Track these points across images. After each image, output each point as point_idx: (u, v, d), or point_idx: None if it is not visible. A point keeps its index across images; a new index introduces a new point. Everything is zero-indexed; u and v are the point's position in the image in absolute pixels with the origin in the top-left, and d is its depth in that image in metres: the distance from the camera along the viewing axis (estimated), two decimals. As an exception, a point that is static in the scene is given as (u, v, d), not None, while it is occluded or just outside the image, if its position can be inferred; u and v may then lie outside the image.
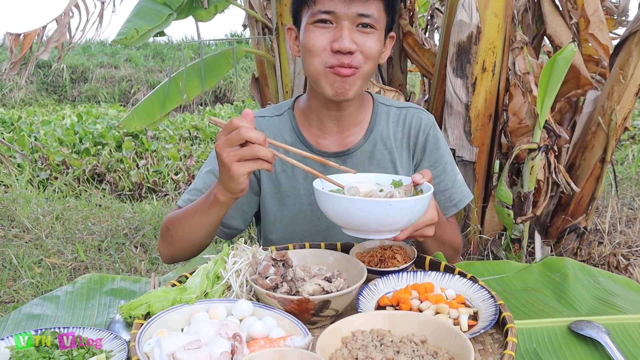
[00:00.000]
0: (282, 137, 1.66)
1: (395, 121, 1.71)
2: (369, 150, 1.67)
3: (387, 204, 1.19)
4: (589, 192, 2.93)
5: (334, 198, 1.23)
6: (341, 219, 1.25)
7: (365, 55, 1.48)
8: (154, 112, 3.46)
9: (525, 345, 1.21)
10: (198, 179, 1.70)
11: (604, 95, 2.80)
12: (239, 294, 1.28)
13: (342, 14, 1.43)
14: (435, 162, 1.73)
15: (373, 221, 1.21)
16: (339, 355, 1.00)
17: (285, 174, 1.68)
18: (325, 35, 1.47)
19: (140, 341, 1.05)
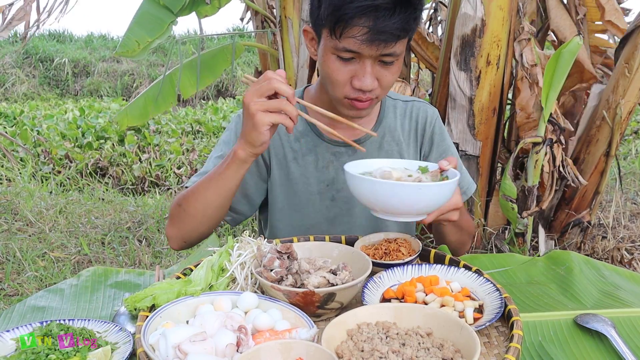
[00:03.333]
0: (295, 127, 1.64)
1: (402, 114, 1.73)
2: (378, 141, 1.69)
3: (417, 188, 1.23)
4: (593, 186, 2.92)
5: (366, 181, 1.26)
6: (371, 201, 1.29)
7: (383, 87, 1.48)
8: (147, 111, 3.46)
9: (531, 338, 1.21)
10: (208, 162, 1.68)
11: (609, 89, 2.79)
12: (243, 286, 1.28)
13: (366, 54, 1.40)
14: (443, 152, 1.76)
15: (403, 204, 1.26)
16: (344, 348, 1.00)
17: (296, 162, 1.67)
18: (347, 69, 1.44)
19: (146, 333, 1.05)
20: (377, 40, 1.35)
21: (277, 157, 1.67)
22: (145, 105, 3.50)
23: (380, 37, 1.35)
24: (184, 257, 3.37)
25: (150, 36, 3.07)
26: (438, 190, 1.27)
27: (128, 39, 3.12)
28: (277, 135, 1.65)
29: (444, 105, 2.81)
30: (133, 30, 3.11)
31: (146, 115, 3.54)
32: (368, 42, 1.36)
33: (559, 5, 3.04)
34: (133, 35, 3.10)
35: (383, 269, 1.35)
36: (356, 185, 1.30)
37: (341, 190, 1.68)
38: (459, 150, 2.70)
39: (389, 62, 1.43)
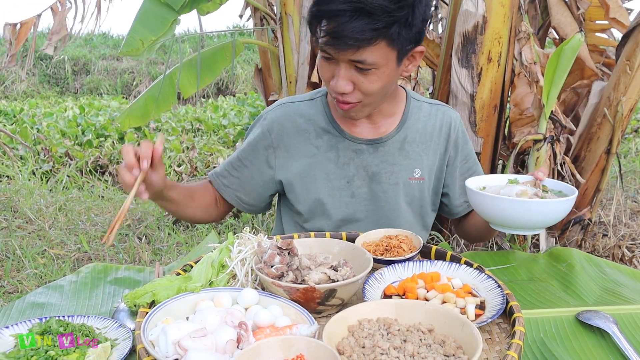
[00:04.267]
0: (314, 121, 1.68)
1: (426, 116, 1.73)
2: (400, 141, 1.69)
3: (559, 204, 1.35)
4: (594, 184, 2.91)
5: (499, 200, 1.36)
6: (499, 217, 1.40)
7: (363, 93, 1.48)
8: (148, 112, 3.46)
9: (532, 334, 1.20)
10: (233, 155, 1.77)
11: (610, 86, 2.78)
12: (244, 282, 1.28)
13: (337, 57, 1.43)
14: (467, 155, 1.79)
15: (536, 219, 1.36)
16: (345, 344, 1.00)
17: (317, 157, 1.68)
18: (329, 68, 1.48)
19: (146, 329, 1.05)
20: (334, 45, 1.39)
21: (298, 153, 1.68)
22: (146, 106, 3.49)
23: (337, 42, 1.37)
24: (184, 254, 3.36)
25: (154, 34, 3.06)
26: (569, 205, 1.37)
27: (132, 38, 3.11)
28: (297, 133, 1.67)
29: (445, 102, 2.80)
30: (136, 29, 3.10)
31: (147, 115, 3.53)
32: (329, 46, 1.40)
33: (559, 2, 3.03)
34: (137, 34, 3.09)
35: (384, 266, 1.34)
36: (487, 203, 1.39)
37: (361, 187, 1.69)
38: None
39: (364, 70, 1.43)
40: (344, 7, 1.34)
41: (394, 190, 1.70)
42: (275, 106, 1.74)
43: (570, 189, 1.44)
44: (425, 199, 1.75)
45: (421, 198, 1.74)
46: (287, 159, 1.69)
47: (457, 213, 1.82)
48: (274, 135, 1.68)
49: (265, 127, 1.70)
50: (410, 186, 1.71)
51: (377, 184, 1.69)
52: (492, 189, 1.46)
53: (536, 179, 1.47)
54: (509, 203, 1.35)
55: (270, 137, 1.68)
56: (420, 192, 1.73)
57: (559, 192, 1.46)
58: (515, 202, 1.35)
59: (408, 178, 1.70)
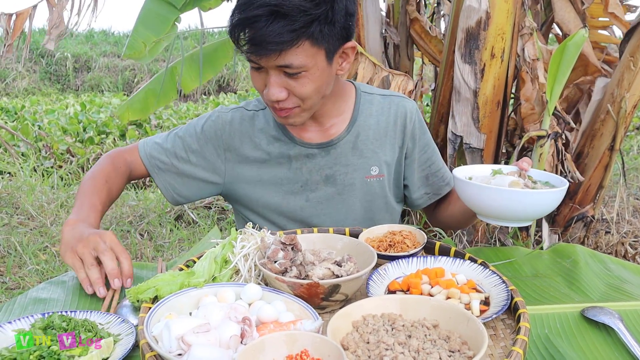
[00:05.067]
0: (265, 129, 1.66)
1: (379, 110, 1.70)
2: (352, 141, 1.67)
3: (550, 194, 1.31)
4: (597, 181, 2.90)
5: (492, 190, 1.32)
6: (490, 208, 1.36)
7: (299, 97, 1.45)
8: (148, 105, 3.45)
9: (537, 330, 1.20)
10: (168, 137, 1.72)
11: (614, 82, 2.77)
12: (247, 278, 1.27)
13: (263, 64, 1.40)
14: (425, 145, 1.76)
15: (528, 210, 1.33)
16: (350, 339, 0.99)
17: (269, 163, 1.67)
18: (260, 78, 1.45)
19: (149, 325, 1.04)
20: (256, 52, 1.36)
21: (248, 160, 1.67)
22: (146, 99, 3.48)
23: (258, 49, 1.35)
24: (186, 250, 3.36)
25: (156, 35, 3.05)
26: (562, 195, 1.34)
27: (134, 40, 3.10)
28: (248, 140, 1.66)
29: (448, 98, 2.79)
30: (138, 30, 3.09)
31: (147, 109, 3.52)
32: (252, 54, 1.37)
33: (563, -2, 3.02)
34: (139, 35, 3.08)
35: (388, 261, 1.34)
36: (475, 192, 1.35)
37: (315, 191, 1.67)
38: (463, 143, 2.68)
39: (293, 74, 1.40)
40: (259, 12, 1.31)
41: (349, 190, 1.68)
42: (231, 109, 1.71)
43: (557, 179, 1.42)
44: (387, 195, 1.74)
45: (384, 195, 1.73)
46: (237, 164, 1.68)
47: (417, 205, 1.81)
48: (226, 137, 1.67)
49: (218, 126, 1.67)
50: (368, 185, 1.70)
51: (332, 186, 1.68)
52: (479, 180, 1.43)
53: (521, 169, 1.46)
54: (502, 194, 1.31)
55: (221, 138, 1.67)
56: (382, 189, 1.72)
57: (545, 182, 1.45)
58: (508, 192, 1.31)
59: (365, 177, 1.69)
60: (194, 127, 1.70)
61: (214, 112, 1.71)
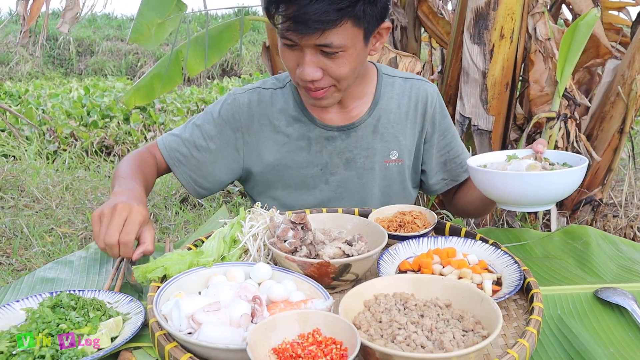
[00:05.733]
0: (284, 110, 1.62)
1: (400, 93, 1.67)
2: (373, 124, 1.64)
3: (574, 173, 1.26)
4: (605, 164, 2.87)
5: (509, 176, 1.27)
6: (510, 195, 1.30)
7: (334, 77, 1.41)
8: (154, 90, 3.41)
9: (550, 311, 1.18)
10: (186, 128, 1.67)
11: (625, 64, 2.73)
12: (256, 257, 1.26)
13: (300, 43, 1.34)
14: (445, 130, 1.73)
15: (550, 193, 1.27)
16: (362, 318, 0.98)
17: (289, 146, 1.63)
18: (293, 56, 1.39)
19: (158, 303, 1.03)
20: (297, 30, 1.30)
21: (267, 142, 1.63)
22: (152, 84, 3.45)
23: (299, 27, 1.29)
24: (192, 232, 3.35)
25: (160, 17, 3.01)
26: (583, 173, 1.29)
27: (139, 23, 3.06)
28: (267, 122, 1.62)
29: (457, 79, 2.76)
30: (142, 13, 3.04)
31: (153, 94, 3.49)
32: (291, 32, 1.31)
33: (574, -22, 2.97)
34: (143, 19, 3.04)
35: (398, 241, 1.32)
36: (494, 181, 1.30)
37: (335, 174, 1.65)
38: (471, 125, 2.65)
39: (330, 53, 1.36)
40: None
41: (369, 174, 1.66)
42: (247, 90, 1.67)
43: (575, 157, 1.36)
44: (405, 180, 1.71)
45: (402, 180, 1.71)
46: (256, 147, 1.64)
47: (434, 191, 1.78)
48: (244, 119, 1.62)
49: (235, 109, 1.63)
50: (387, 169, 1.67)
51: (352, 170, 1.65)
52: (493, 167, 1.38)
53: (536, 152, 1.41)
54: (521, 178, 1.26)
55: (240, 120, 1.62)
56: (400, 174, 1.69)
57: (563, 163, 1.39)
58: (527, 176, 1.25)
59: (384, 161, 1.66)
60: (210, 113, 1.65)
61: (229, 95, 1.66)
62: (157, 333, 0.98)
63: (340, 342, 0.90)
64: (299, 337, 0.92)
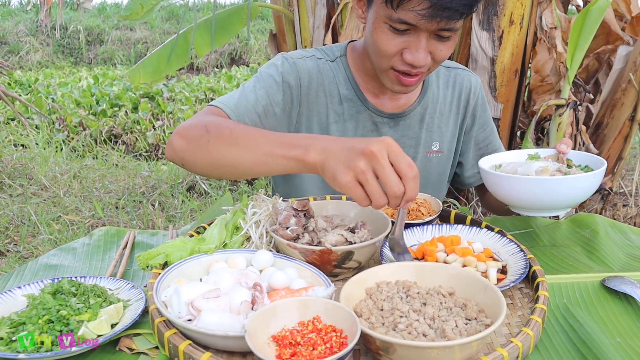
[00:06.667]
0: (337, 85, 1.54)
1: (445, 83, 1.64)
2: (421, 113, 1.60)
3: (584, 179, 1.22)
4: (615, 152, 2.83)
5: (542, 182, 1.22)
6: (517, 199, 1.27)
7: (436, 61, 1.36)
8: (160, 68, 3.40)
9: (555, 300, 1.16)
10: (248, 94, 1.45)
11: (637, 50, 2.68)
12: (258, 245, 1.25)
13: (423, 28, 1.26)
14: (484, 124, 1.71)
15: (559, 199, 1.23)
16: (363, 306, 0.97)
17: (337, 125, 1.56)
18: (399, 41, 1.30)
19: (158, 290, 1.02)
20: (439, 16, 1.23)
21: (319, 116, 1.55)
22: (158, 62, 3.44)
23: (443, 13, 1.22)
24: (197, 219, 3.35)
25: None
26: (597, 180, 1.25)
27: (133, 1, 3.06)
28: (323, 94, 1.53)
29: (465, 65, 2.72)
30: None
31: (159, 72, 3.47)
32: (429, 17, 1.23)
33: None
34: (139, 0, 3.05)
35: (402, 229, 1.30)
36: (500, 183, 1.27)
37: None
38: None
39: (445, 37, 1.30)
40: None
41: None
42: (304, 56, 1.54)
43: (598, 160, 1.32)
44: (443, 172, 1.69)
45: (440, 172, 1.68)
46: (307, 118, 1.54)
47: (469, 184, 1.76)
48: (304, 87, 1.50)
49: (297, 74, 1.49)
50: (427, 160, 1.64)
51: None
52: (509, 167, 1.34)
53: (559, 153, 1.38)
54: (527, 183, 1.22)
55: (300, 88, 1.50)
56: (439, 165, 1.66)
57: (585, 166, 1.36)
58: (533, 181, 1.21)
59: (426, 152, 1.63)
60: (270, 76, 1.48)
61: (283, 59, 1.51)
62: (156, 320, 0.97)
63: (341, 329, 0.89)
64: (298, 325, 0.91)
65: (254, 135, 1.16)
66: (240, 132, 1.18)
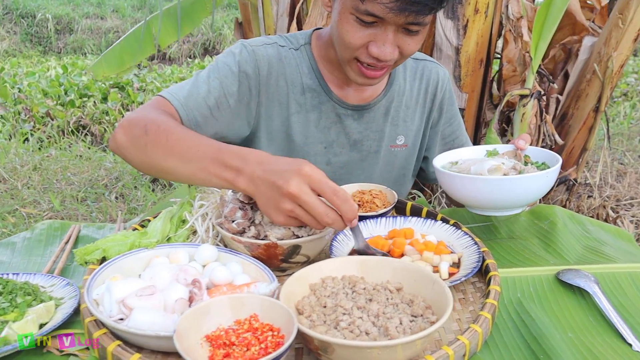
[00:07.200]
0: (300, 76, 1.48)
1: (412, 75, 1.59)
2: (386, 106, 1.55)
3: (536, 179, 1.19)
4: (580, 143, 2.83)
5: (492, 181, 1.19)
6: (470, 199, 1.25)
7: (403, 55, 1.30)
8: (124, 60, 3.30)
9: (509, 294, 1.13)
10: (201, 84, 1.39)
11: (601, 41, 2.67)
12: (204, 239, 1.20)
13: (391, 21, 1.22)
14: (451, 118, 1.67)
15: (511, 198, 1.21)
16: (305, 303, 0.92)
17: (298, 116, 1.49)
18: (365, 34, 1.25)
19: (91, 287, 0.96)
20: (407, 10, 1.18)
21: (280, 107, 1.48)
22: (122, 54, 3.34)
23: (412, 7, 1.17)
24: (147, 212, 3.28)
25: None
26: (550, 179, 1.22)
27: None
28: (284, 83, 1.46)
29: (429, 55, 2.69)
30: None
31: (123, 64, 3.38)
32: (397, 11, 1.18)
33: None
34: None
35: (355, 222, 1.26)
36: (452, 182, 1.24)
37: (339, 155, 1.54)
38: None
39: (414, 32, 1.25)
40: None
41: (373, 158, 1.58)
42: (265, 43, 1.47)
43: (554, 157, 1.29)
44: (408, 167, 1.65)
45: (404, 166, 1.64)
46: (267, 109, 1.47)
47: (434, 179, 1.71)
48: (263, 77, 1.43)
49: (255, 63, 1.42)
50: (391, 154, 1.60)
51: (357, 152, 1.56)
52: (466, 164, 1.31)
53: (517, 149, 1.35)
54: (478, 182, 1.19)
55: (259, 77, 1.43)
56: (403, 159, 1.62)
57: (542, 163, 1.33)
58: (484, 181, 1.18)
59: (390, 145, 1.59)
60: (226, 65, 1.41)
61: (242, 46, 1.44)
62: (86, 319, 0.92)
63: (278, 328, 0.84)
64: (235, 324, 0.86)
65: (188, 144, 1.12)
66: (176, 141, 1.14)
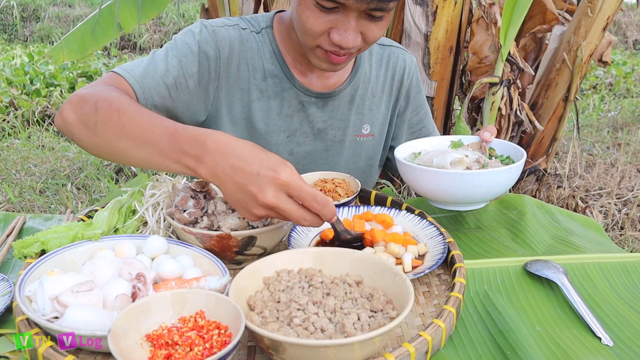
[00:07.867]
0: (262, 61, 1.40)
1: (378, 62, 1.52)
2: (351, 93, 1.49)
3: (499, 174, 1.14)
4: (550, 133, 2.81)
5: (454, 175, 1.14)
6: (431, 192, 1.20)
7: (367, 42, 1.23)
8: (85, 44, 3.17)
9: (476, 286, 1.09)
10: (158, 62, 1.30)
11: (570, 30, 2.65)
12: (155, 230, 1.12)
13: (353, 7, 1.14)
14: (418, 106, 1.62)
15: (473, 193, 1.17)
16: (258, 298, 0.86)
17: (259, 103, 1.41)
18: (326, 20, 1.18)
19: (24, 283, 0.88)
20: None
21: (241, 93, 1.40)
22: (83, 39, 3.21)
23: None
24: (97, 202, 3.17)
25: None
26: (513, 174, 1.18)
27: None
28: (246, 68, 1.38)
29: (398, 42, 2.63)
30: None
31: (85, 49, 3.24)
32: None
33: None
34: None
35: (315, 212, 1.20)
36: (414, 175, 1.19)
37: (302, 144, 1.48)
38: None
39: (377, 17, 1.18)
40: None
41: (337, 148, 1.51)
42: (226, 25, 1.38)
43: (519, 152, 1.25)
44: (374, 157, 1.59)
45: (370, 156, 1.58)
46: (226, 95, 1.39)
47: None
48: (223, 59, 1.35)
49: (215, 44, 1.33)
50: (357, 144, 1.54)
51: (321, 142, 1.49)
52: (429, 155, 1.25)
53: (482, 141, 1.32)
54: (438, 176, 1.14)
55: (219, 59, 1.35)
56: (369, 149, 1.57)
57: (506, 157, 1.29)
58: (445, 174, 1.14)
59: (355, 135, 1.53)
60: (185, 44, 1.32)
61: (202, 26, 1.35)
62: (17, 318, 0.84)
63: (226, 326, 0.78)
64: (179, 322, 0.79)
65: (142, 125, 1.01)
66: (128, 120, 1.03)
